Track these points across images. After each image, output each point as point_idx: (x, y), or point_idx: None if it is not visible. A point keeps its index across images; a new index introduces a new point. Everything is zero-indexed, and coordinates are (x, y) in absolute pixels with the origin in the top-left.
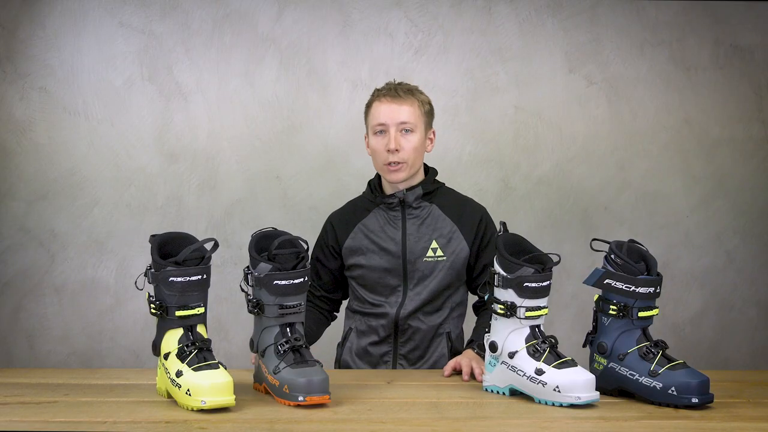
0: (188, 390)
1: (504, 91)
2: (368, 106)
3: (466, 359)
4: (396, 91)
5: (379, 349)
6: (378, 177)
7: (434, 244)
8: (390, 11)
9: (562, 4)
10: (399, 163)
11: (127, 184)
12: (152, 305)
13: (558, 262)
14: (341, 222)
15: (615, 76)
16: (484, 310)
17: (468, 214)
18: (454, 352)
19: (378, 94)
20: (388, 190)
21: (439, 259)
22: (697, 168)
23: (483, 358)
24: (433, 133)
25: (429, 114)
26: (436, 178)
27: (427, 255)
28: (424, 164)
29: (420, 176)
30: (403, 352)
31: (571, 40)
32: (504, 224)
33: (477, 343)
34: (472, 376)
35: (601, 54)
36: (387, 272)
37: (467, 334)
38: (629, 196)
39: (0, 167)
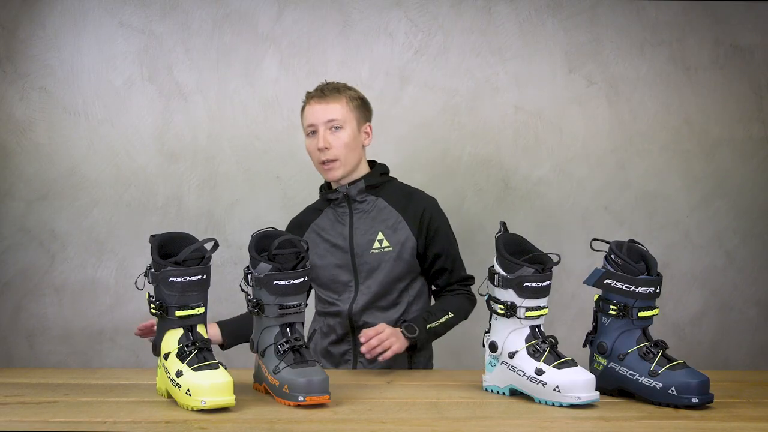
0: (188, 390)
1: (504, 91)
2: (302, 110)
3: (385, 333)
4: (322, 91)
5: (339, 349)
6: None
7: (380, 236)
8: (390, 11)
9: (562, 4)
10: (332, 160)
11: (127, 184)
12: (152, 305)
13: (558, 262)
14: (296, 226)
15: (615, 76)
16: (441, 296)
17: (413, 204)
18: (418, 348)
19: (308, 97)
20: (334, 188)
21: (385, 249)
22: (697, 168)
23: (409, 340)
24: (369, 127)
25: (360, 108)
26: (390, 174)
27: (374, 247)
28: (373, 160)
29: (363, 171)
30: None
31: (571, 40)
32: (504, 224)
33: (407, 325)
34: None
35: (601, 54)
36: (338, 268)
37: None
38: (629, 196)
39: (0, 167)
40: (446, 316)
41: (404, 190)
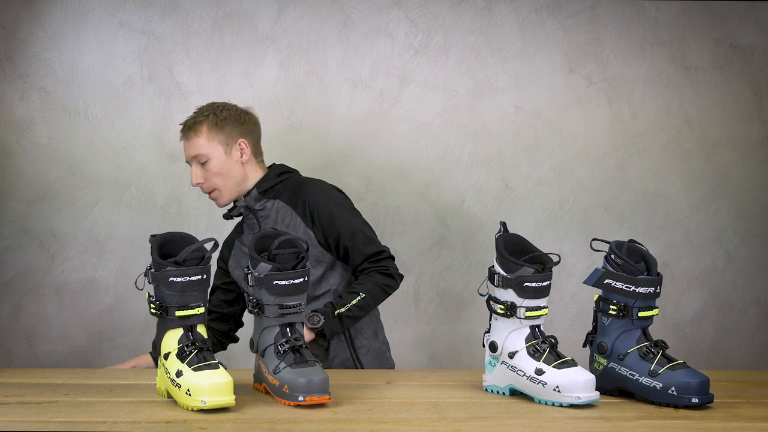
0: (188, 390)
1: (504, 91)
2: None
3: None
4: (184, 129)
5: None
6: None
7: None
8: (390, 11)
9: (562, 4)
10: (212, 190)
11: (127, 184)
12: (152, 305)
13: (558, 262)
14: (225, 247)
15: (615, 76)
16: (356, 278)
17: (301, 198)
18: (329, 336)
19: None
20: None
21: None
22: (697, 168)
23: (312, 330)
24: (243, 143)
25: (225, 129)
26: (285, 171)
27: None
28: (273, 164)
29: (251, 183)
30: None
31: (571, 40)
32: (504, 224)
33: (309, 316)
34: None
35: (601, 54)
36: None
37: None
38: (629, 196)
39: (0, 167)
40: (357, 298)
41: (296, 184)
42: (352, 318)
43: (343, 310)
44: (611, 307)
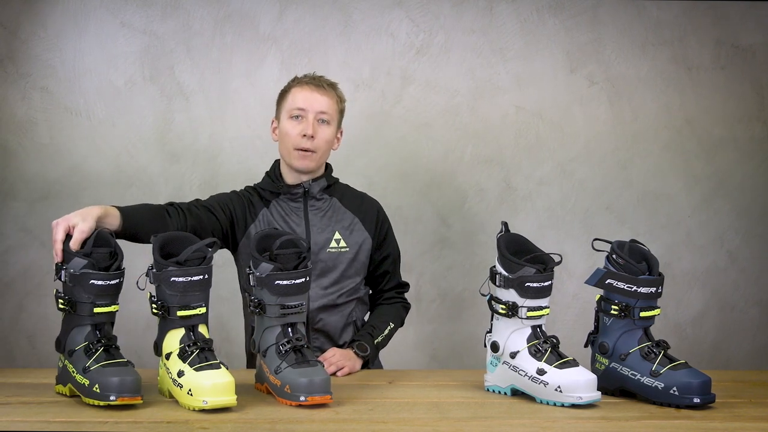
0: (190, 390)
1: (505, 91)
2: (286, 90)
3: (338, 356)
4: (320, 81)
5: None
6: (277, 168)
7: (337, 235)
8: (391, 11)
9: (564, 4)
10: (311, 151)
11: (128, 184)
12: (154, 305)
13: (559, 262)
14: (250, 203)
15: (616, 76)
16: (377, 305)
17: (367, 207)
18: (368, 365)
19: (300, 81)
20: (289, 181)
21: (342, 250)
22: (699, 168)
23: (362, 359)
24: (341, 132)
25: (342, 113)
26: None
27: (330, 246)
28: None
29: (322, 170)
30: (317, 344)
31: (573, 40)
32: (505, 224)
33: (356, 344)
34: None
35: (602, 54)
36: None
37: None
38: (631, 196)
39: (1, 167)
40: (389, 328)
41: (354, 192)
42: (382, 347)
43: (379, 339)
44: (613, 307)
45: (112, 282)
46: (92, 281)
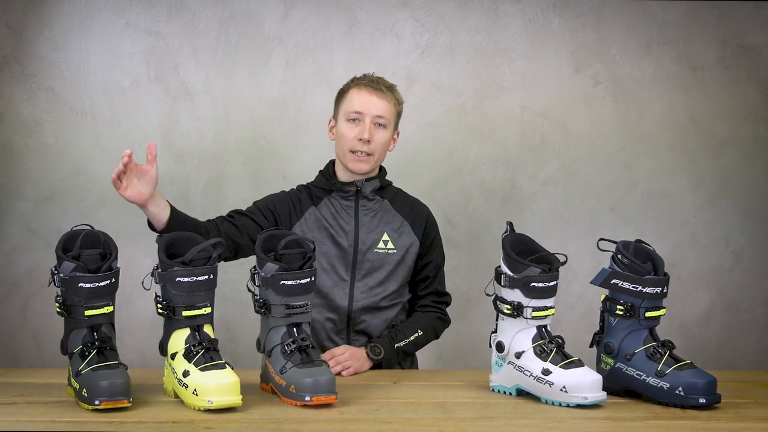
0: (195, 390)
1: (510, 91)
2: (344, 91)
3: (348, 353)
4: (378, 83)
5: (333, 345)
6: (331, 167)
7: (385, 237)
8: (396, 11)
9: (569, 4)
10: (366, 154)
11: None
12: (159, 305)
13: (565, 262)
14: (297, 202)
15: (621, 76)
16: (414, 312)
17: (417, 211)
18: (383, 367)
19: (358, 83)
20: (342, 179)
21: (389, 252)
22: (704, 168)
23: (373, 361)
24: (398, 134)
25: (399, 115)
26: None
27: (378, 246)
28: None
29: (376, 172)
30: (357, 347)
31: (578, 39)
32: (510, 224)
33: (370, 346)
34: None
35: (607, 54)
36: (336, 260)
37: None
38: (636, 196)
39: (7, 167)
40: (415, 335)
41: (406, 196)
42: (405, 353)
43: (402, 344)
44: (618, 307)
45: (102, 284)
46: (81, 284)
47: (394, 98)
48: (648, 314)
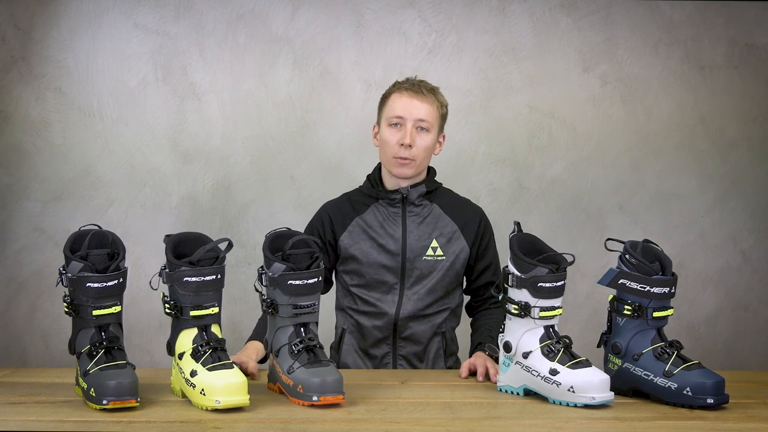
0: (203, 390)
1: (518, 91)
2: (386, 96)
3: (480, 360)
4: (419, 87)
5: (380, 350)
6: (378, 172)
7: (434, 243)
8: (404, 11)
9: (576, 4)
10: (409, 159)
11: (141, 185)
12: (167, 305)
13: (572, 262)
14: (338, 214)
15: (629, 76)
16: (480, 312)
17: (469, 215)
18: (449, 353)
19: (399, 87)
20: (389, 185)
21: (438, 258)
22: (712, 167)
23: (494, 359)
24: (443, 136)
25: (444, 117)
26: (435, 178)
27: (427, 254)
28: (432, 168)
29: (423, 175)
30: (402, 353)
31: (585, 39)
32: (518, 224)
33: (486, 345)
34: (487, 377)
35: (615, 53)
36: (384, 269)
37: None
38: (643, 195)
39: (15, 167)
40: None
41: (457, 199)
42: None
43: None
44: (626, 307)
45: (110, 283)
46: (89, 284)
47: (437, 101)
48: (656, 314)
